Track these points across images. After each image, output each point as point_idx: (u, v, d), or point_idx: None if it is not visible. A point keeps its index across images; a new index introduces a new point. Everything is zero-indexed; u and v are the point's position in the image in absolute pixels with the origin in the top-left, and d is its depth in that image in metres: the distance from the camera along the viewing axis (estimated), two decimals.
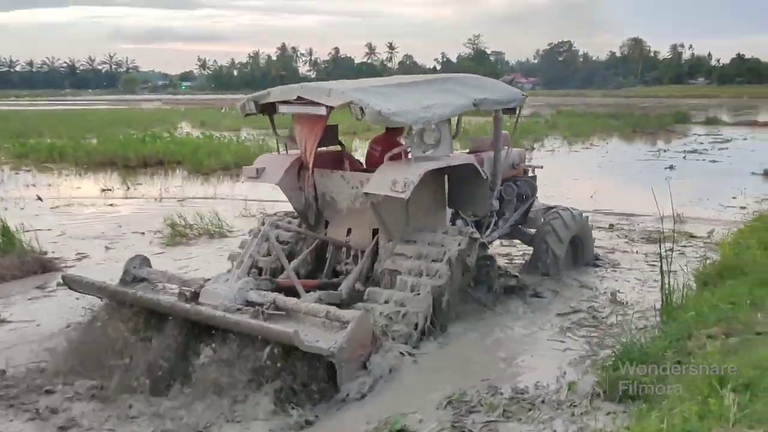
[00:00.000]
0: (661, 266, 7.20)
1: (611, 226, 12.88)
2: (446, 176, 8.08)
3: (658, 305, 7.21)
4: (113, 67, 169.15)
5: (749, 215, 12.41)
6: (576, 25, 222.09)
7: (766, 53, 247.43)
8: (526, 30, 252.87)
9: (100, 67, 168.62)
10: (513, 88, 9.47)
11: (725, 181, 18.95)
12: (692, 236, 11.99)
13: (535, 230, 9.89)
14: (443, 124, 7.76)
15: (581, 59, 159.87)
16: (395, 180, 7.07)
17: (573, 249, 9.91)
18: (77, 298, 8.18)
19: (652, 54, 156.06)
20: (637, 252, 11.02)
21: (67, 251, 11.32)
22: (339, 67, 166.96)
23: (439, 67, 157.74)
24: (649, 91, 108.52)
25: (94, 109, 61.86)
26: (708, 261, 8.62)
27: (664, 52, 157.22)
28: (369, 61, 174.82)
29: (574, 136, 33.38)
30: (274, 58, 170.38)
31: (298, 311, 6.44)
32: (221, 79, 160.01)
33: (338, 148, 8.70)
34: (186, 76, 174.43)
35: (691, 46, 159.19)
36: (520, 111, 9.36)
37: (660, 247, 7.50)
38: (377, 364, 6.22)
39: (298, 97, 7.49)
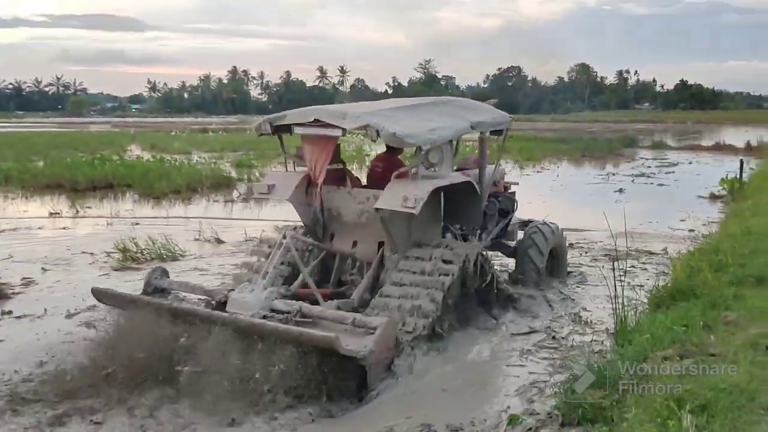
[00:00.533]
0: (615, 290, 7.28)
1: (571, 245, 12.96)
2: (442, 193, 8.57)
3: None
4: (60, 89, 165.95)
5: (698, 237, 12.66)
6: (525, 51, 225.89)
7: (709, 79, 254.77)
8: (476, 55, 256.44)
9: (47, 89, 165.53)
10: (501, 112, 10.06)
11: (673, 204, 19.32)
12: (651, 253, 12.57)
13: (514, 242, 10.49)
14: (445, 145, 8.44)
15: (530, 84, 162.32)
16: (406, 196, 7.59)
17: (550, 261, 10.46)
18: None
19: (598, 79, 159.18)
20: (603, 267, 11.14)
21: (13, 276, 11.04)
22: (290, 91, 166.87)
23: (390, 91, 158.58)
24: (597, 116, 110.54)
25: (40, 131, 60.75)
26: (661, 284, 8.72)
27: (611, 78, 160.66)
28: (321, 84, 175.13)
29: (525, 160, 33.79)
30: (225, 81, 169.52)
31: (323, 318, 6.96)
32: (171, 102, 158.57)
33: (340, 165, 9.11)
34: (135, 99, 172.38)
35: (636, 72, 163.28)
36: (507, 132, 9.91)
37: (613, 271, 7.59)
38: (401, 366, 6.84)
39: (315, 119, 8.00)
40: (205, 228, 14.52)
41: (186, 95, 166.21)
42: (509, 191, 10.84)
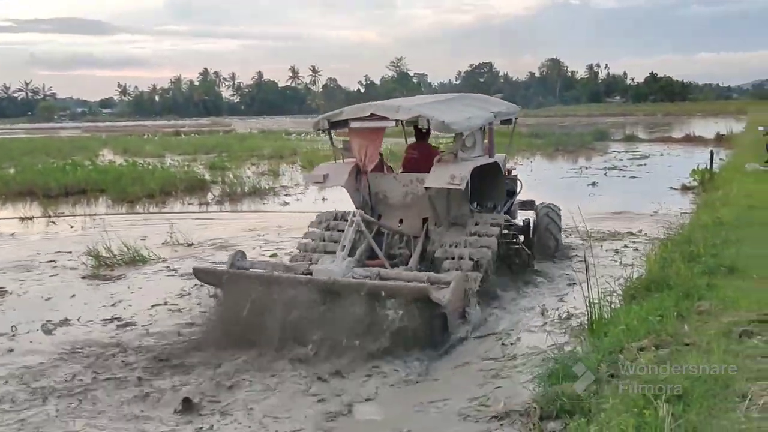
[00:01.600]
0: (589, 284, 7.34)
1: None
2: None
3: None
4: (29, 94, 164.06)
5: (671, 229, 12.78)
6: (497, 48, 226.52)
7: (679, 72, 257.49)
8: (448, 52, 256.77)
9: (15, 95, 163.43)
10: (511, 103, 12.13)
11: (646, 196, 19.50)
12: (632, 233, 14.01)
13: (516, 219, 11.84)
14: (477, 132, 10.25)
15: (502, 80, 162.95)
16: (453, 175, 8.98)
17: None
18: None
19: (569, 74, 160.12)
20: (600, 247, 12.49)
21: None
22: (263, 91, 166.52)
23: (363, 90, 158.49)
24: (568, 110, 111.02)
25: (10, 137, 60.05)
26: (635, 275, 8.80)
27: (582, 72, 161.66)
28: (293, 84, 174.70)
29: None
30: (196, 83, 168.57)
31: (399, 279, 8.00)
32: (142, 105, 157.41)
33: (379, 156, 10.19)
34: (106, 103, 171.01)
35: (606, 66, 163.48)
36: (515, 121, 11.82)
37: (586, 267, 7.64)
38: (474, 314, 8.19)
39: (372, 114, 9.31)
40: (182, 228, 14.52)
41: (157, 98, 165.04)
42: (513, 174, 12.48)
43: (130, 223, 17.46)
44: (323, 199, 21.12)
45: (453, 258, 8.99)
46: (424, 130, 9.19)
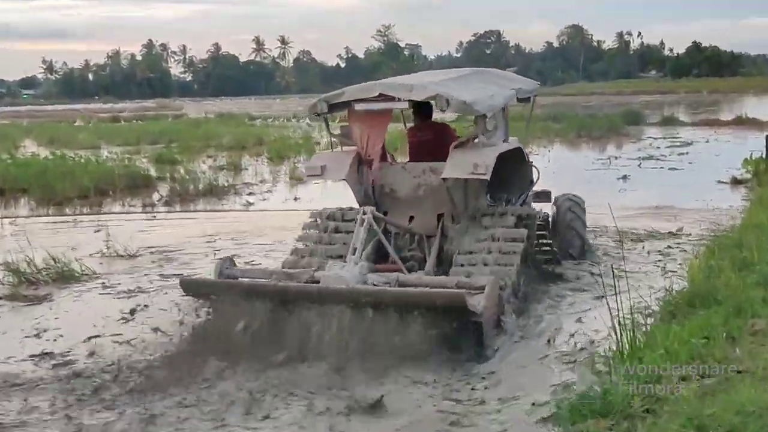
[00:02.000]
0: (619, 298, 7.34)
1: None
2: None
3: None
4: None
5: (718, 230, 12.83)
6: (506, 13, 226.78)
7: (726, 41, 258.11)
8: (446, 18, 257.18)
9: None
10: (530, 79, 12.67)
11: (688, 191, 19.67)
12: (672, 234, 14.24)
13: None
14: (499, 112, 10.57)
15: (512, 51, 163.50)
16: (476, 163, 9.28)
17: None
18: None
19: (595, 44, 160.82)
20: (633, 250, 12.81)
21: None
22: (220, 67, 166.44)
23: (343, 65, 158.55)
24: (594, 87, 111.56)
25: None
26: (675, 288, 8.81)
27: (609, 42, 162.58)
28: (257, 59, 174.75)
29: None
30: (138, 57, 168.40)
31: (422, 285, 8.41)
32: (73, 85, 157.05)
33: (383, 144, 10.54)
34: (28, 83, 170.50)
35: (640, 34, 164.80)
36: (534, 99, 12.22)
37: (614, 281, 7.63)
38: (510, 323, 8.57)
39: (380, 94, 9.58)
40: (121, 235, 14.58)
41: (91, 76, 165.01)
42: (530, 161, 12.63)
43: (58, 229, 17.41)
44: (295, 198, 21.15)
45: (474, 263, 9.32)
46: (443, 110, 9.61)
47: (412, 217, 10.27)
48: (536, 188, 12.59)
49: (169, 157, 30.79)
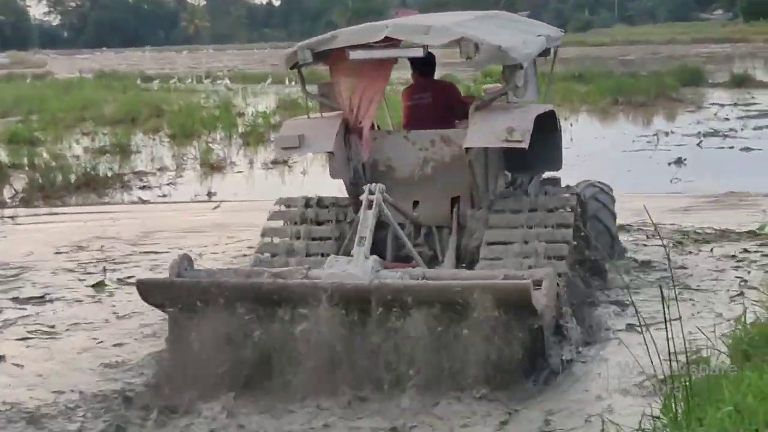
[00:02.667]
0: (670, 329, 7.36)
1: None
2: None
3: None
4: None
5: None
6: None
7: None
8: None
9: None
10: (551, 26, 13.22)
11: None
12: (751, 234, 14.38)
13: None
14: (530, 64, 11.10)
15: None
16: (512, 128, 9.78)
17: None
18: None
19: None
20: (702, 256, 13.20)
21: None
22: (100, 9, 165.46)
23: (277, 2, 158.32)
24: (637, 34, 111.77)
25: None
26: (749, 318, 8.85)
27: None
28: None
29: None
30: None
31: (456, 277, 8.90)
32: None
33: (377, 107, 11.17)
34: None
35: None
36: (556, 52, 12.65)
37: (663, 305, 7.66)
38: (572, 329, 9.23)
39: (386, 38, 10.09)
40: None
41: None
42: None
43: None
44: (209, 193, 21.20)
45: (506, 257, 10.03)
46: (470, 58, 9.99)
47: (416, 203, 10.76)
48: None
49: (26, 135, 30.58)
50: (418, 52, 10.38)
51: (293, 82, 51.25)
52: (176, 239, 15.37)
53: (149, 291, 9.25)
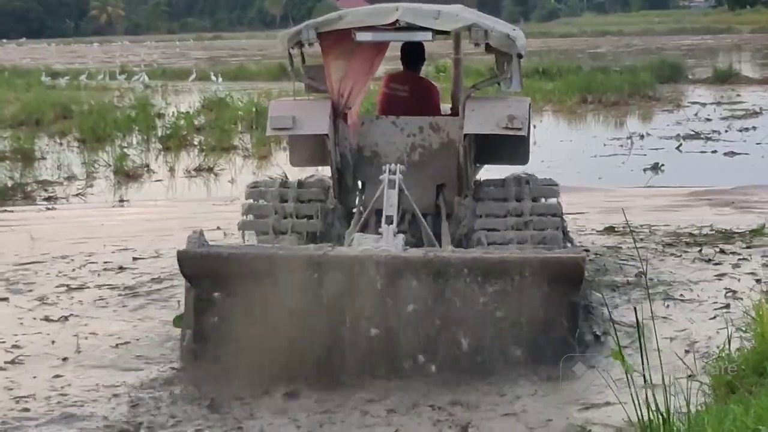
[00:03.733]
0: (645, 357, 7.37)
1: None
2: None
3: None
4: None
5: None
6: None
7: None
8: None
9: None
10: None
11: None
12: (734, 234, 14.82)
13: None
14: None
15: None
16: (512, 115, 11.23)
17: None
18: None
19: None
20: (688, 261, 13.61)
21: None
22: None
23: None
24: (608, 24, 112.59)
25: None
26: (735, 348, 8.88)
27: None
28: None
29: None
30: None
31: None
32: None
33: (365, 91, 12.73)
34: None
35: None
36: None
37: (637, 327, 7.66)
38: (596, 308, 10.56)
39: (397, 21, 11.11)
40: None
41: None
42: None
43: None
44: (121, 200, 21.14)
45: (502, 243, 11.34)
46: (477, 44, 11.27)
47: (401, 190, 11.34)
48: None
49: None
50: (427, 36, 11.67)
51: (219, 78, 51.62)
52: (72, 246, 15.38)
53: (189, 261, 9.78)
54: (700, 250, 13.84)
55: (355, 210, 12.23)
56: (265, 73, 59.03)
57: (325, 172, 12.92)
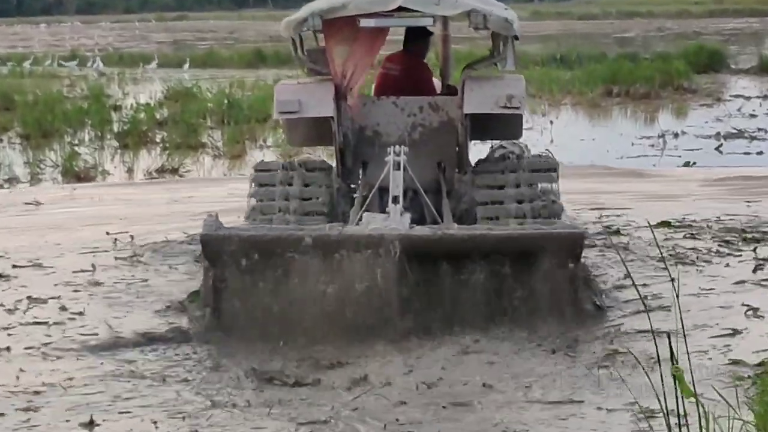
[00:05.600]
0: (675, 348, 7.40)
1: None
2: None
3: None
4: None
5: None
6: None
7: None
8: None
9: None
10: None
11: None
12: None
13: None
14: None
15: None
16: (511, 94, 12.93)
17: None
18: None
19: None
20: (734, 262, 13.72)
21: None
22: None
23: None
24: (635, 3, 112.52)
25: None
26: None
27: None
28: None
29: None
30: None
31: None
32: None
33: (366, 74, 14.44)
34: None
35: None
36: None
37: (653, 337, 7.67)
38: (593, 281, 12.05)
39: (400, 7, 12.69)
40: None
41: None
42: None
43: None
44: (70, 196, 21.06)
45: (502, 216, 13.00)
46: (478, 28, 12.84)
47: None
48: None
49: None
50: (428, 22, 13.81)
51: (186, 66, 51.70)
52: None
53: (212, 245, 11.12)
54: (755, 250, 13.89)
55: (357, 189, 13.82)
56: (238, 59, 59.65)
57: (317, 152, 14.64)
